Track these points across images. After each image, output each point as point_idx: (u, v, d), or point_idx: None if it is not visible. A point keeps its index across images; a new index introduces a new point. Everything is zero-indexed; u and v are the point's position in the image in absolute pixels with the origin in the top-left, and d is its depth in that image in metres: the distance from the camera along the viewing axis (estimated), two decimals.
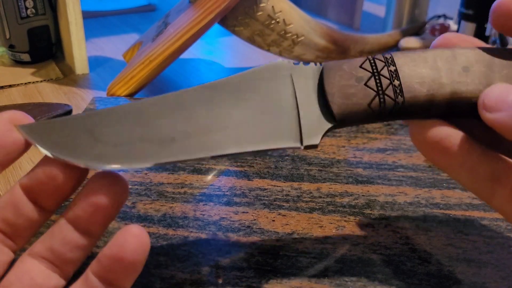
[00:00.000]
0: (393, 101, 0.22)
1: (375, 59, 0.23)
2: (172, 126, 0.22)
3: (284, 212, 0.32)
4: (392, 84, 0.22)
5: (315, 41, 0.54)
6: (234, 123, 0.22)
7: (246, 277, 0.27)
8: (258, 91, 0.23)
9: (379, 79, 0.22)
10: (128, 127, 0.21)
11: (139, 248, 0.20)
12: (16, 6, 0.54)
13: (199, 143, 0.21)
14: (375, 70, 0.23)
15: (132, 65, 0.49)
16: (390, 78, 0.22)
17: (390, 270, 0.28)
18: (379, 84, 0.22)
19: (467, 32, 0.54)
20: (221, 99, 0.22)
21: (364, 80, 0.22)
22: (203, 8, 0.48)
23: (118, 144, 0.21)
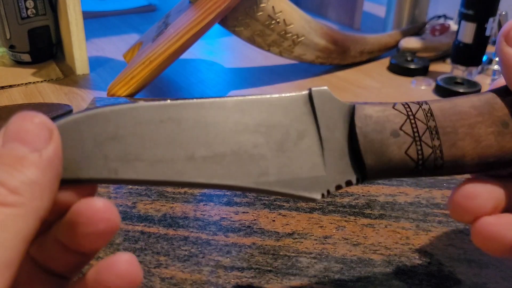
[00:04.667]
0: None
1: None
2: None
3: (285, 212, 0.32)
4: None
5: (315, 41, 0.54)
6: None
7: (246, 277, 0.27)
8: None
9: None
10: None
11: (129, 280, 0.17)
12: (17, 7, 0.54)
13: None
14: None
15: (132, 66, 0.49)
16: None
17: (390, 270, 0.28)
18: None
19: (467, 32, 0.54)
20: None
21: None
22: (203, 9, 0.48)
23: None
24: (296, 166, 0.20)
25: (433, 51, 0.64)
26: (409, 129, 0.21)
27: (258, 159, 0.20)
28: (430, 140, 0.21)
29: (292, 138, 0.21)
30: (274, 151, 0.20)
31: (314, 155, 0.21)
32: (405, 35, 0.66)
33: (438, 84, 0.54)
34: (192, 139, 0.19)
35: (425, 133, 0.21)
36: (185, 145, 0.19)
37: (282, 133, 0.21)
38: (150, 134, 0.19)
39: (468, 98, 0.22)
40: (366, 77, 0.59)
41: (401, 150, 0.21)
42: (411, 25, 0.70)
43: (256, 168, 0.20)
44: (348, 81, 0.57)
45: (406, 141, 0.21)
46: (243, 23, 0.50)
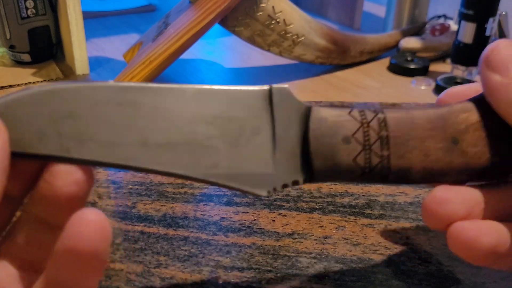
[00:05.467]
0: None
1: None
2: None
3: (285, 212, 0.32)
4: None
5: (315, 41, 0.54)
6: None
7: (246, 277, 0.27)
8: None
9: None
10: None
11: (99, 235, 0.16)
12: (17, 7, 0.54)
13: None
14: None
15: (132, 66, 0.49)
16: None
17: (390, 270, 0.28)
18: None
19: (467, 32, 0.54)
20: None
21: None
22: (203, 9, 0.48)
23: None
24: (247, 161, 0.21)
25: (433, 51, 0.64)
26: (360, 137, 0.22)
27: (210, 151, 0.20)
28: (380, 150, 0.22)
29: (247, 133, 0.21)
30: (228, 144, 0.20)
31: (265, 152, 0.21)
32: (405, 35, 0.66)
33: (438, 84, 0.54)
34: (147, 124, 0.19)
35: (375, 142, 0.22)
36: (140, 130, 0.19)
37: (238, 128, 0.21)
38: (106, 116, 0.19)
39: (426, 111, 0.22)
40: (366, 77, 0.59)
41: (349, 157, 0.21)
42: (411, 25, 0.70)
43: (207, 160, 0.20)
44: (348, 81, 0.57)
45: (356, 149, 0.21)
46: (243, 23, 0.50)
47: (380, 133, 0.22)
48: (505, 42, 0.21)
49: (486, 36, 0.54)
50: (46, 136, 0.18)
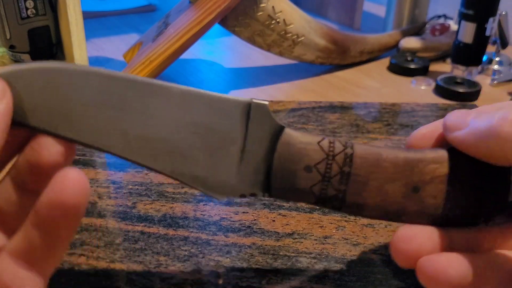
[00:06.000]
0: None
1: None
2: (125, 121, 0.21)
3: (284, 212, 0.32)
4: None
5: (315, 41, 0.54)
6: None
7: (246, 277, 0.27)
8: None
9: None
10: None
11: (80, 191, 0.18)
12: (17, 7, 0.54)
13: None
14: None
15: (132, 66, 0.49)
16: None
17: (390, 270, 0.28)
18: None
19: (467, 32, 0.54)
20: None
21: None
22: (203, 9, 0.48)
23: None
24: (213, 167, 0.22)
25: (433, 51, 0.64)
26: (322, 168, 0.22)
27: (182, 152, 0.21)
28: (338, 184, 0.22)
29: (222, 143, 0.22)
30: (202, 150, 0.22)
31: (232, 163, 0.22)
32: (405, 35, 0.66)
33: (438, 84, 0.54)
34: (131, 117, 0.21)
35: (335, 176, 0.22)
36: (123, 121, 0.21)
37: (213, 135, 0.22)
38: (95, 102, 0.20)
39: (396, 155, 0.23)
40: (366, 77, 0.59)
41: (307, 184, 0.22)
42: (411, 25, 0.70)
43: (177, 159, 0.21)
44: (348, 81, 0.57)
45: (315, 179, 0.22)
46: (243, 23, 0.50)
47: (343, 168, 0.22)
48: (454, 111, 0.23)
49: (486, 36, 0.54)
50: (39, 110, 0.20)
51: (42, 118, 0.20)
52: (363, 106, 0.49)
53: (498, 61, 0.60)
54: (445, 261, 0.21)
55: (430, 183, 0.23)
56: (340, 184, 0.22)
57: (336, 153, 0.22)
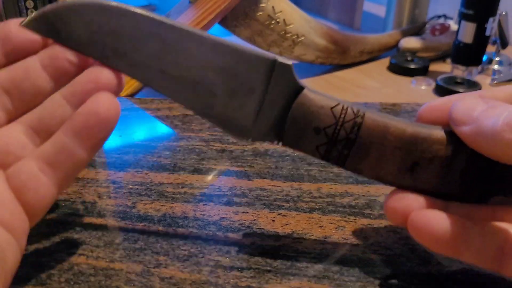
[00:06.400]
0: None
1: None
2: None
3: (284, 212, 0.32)
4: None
5: (315, 41, 0.54)
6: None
7: (246, 277, 0.27)
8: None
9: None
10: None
11: (112, 107, 0.22)
12: (17, 7, 0.54)
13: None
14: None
15: None
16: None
17: (390, 270, 0.28)
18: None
19: (467, 32, 0.54)
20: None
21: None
22: (203, 9, 0.48)
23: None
24: (234, 111, 0.25)
25: (433, 51, 0.64)
26: (330, 132, 0.24)
27: (211, 95, 0.25)
28: (342, 148, 0.24)
29: (244, 90, 0.24)
30: (226, 94, 0.24)
31: (251, 110, 0.25)
32: (405, 35, 0.66)
33: (438, 84, 0.54)
34: (169, 57, 0.24)
35: (341, 141, 0.24)
36: (162, 60, 0.24)
37: (239, 83, 0.24)
38: (140, 40, 0.24)
39: (404, 129, 0.24)
40: (366, 77, 0.59)
41: (313, 144, 0.24)
42: (411, 25, 0.70)
43: (204, 99, 0.25)
44: (348, 81, 0.57)
45: (322, 140, 0.24)
46: (243, 23, 0.50)
47: (349, 135, 0.24)
48: (460, 97, 0.24)
49: (486, 36, 0.54)
50: (94, 42, 0.23)
51: (96, 49, 0.23)
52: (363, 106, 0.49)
53: (498, 61, 0.60)
54: (432, 216, 0.23)
55: (430, 163, 0.24)
56: (344, 149, 0.24)
57: (346, 120, 0.24)
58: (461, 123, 0.22)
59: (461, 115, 0.23)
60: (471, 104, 0.23)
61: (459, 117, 0.23)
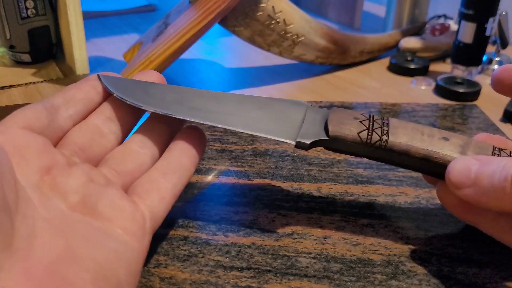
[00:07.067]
0: (378, 137, 0.27)
1: (374, 115, 0.28)
2: (203, 104, 0.29)
3: (284, 212, 0.32)
4: (381, 128, 0.27)
5: (315, 41, 0.54)
6: (250, 116, 0.29)
7: (245, 277, 0.27)
8: (276, 109, 0.29)
9: (372, 123, 0.28)
10: (170, 94, 0.29)
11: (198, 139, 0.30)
12: (17, 7, 0.54)
13: (218, 118, 0.28)
14: (371, 118, 0.28)
15: (132, 66, 0.49)
16: (382, 125, 0.28)
17: (390, 270, 0.28)
18: (371, 125, 0.27)
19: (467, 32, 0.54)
20: (247, 103, 0.29)
21: (360, 119, 0.28)
22: (203, 9, 0.48)
23: (160, 99, 0.29)
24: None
25: (433, 51, 0.64)
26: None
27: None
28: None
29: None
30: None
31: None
32: (405, 35, 0.66)
33: (438, 84, 0.54)
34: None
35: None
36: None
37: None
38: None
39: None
40: (366, 77, 0.59)
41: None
42: (411, 25, 0.70)
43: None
44: (348, 81, 0.57)
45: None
46: (243, 23, 0.50)
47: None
48: (453, 162, 0.25)
49: (486, 36, 0.54)
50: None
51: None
52: (363, 106, 0.49)
53: (498, 61, 0.60)
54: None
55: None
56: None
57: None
58: (461, 186, 0.23)
59: (459, 178, 0.24)
60: (465, 164, 0.24)
61: (457, 181, 0.24)
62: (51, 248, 0.20)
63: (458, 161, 0.24)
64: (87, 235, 0.21)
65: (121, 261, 0.22)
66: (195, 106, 0.28)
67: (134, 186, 0.26)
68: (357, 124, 0.28)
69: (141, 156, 0.27)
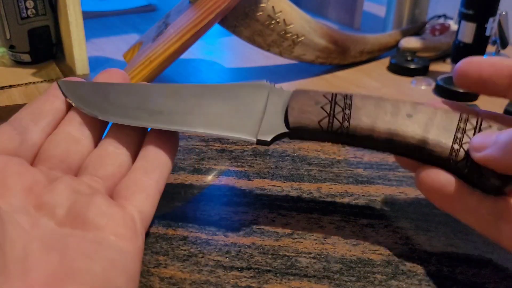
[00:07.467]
0: (339, 124, 0.26)
1: (337, 94, 0.27)
2: (163, 104, 0.28)
3: (284, 212, 0.32)
4: (343, 112, 0.26)
5: (315, 41, 0.54)
6: (210, 112, 0.28)
7: (245, 277, 0.27)
8: (237, 97, 0.28)
9: (334, 107, 0.26)
10: (131, 97, 0.29)
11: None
12: (17, 7, 0.54)
13: (178, 120, 0.28)
14: (334, 100, 0.27)
15: (132, 66, 0.49)
16: (343, 107, 0.26)
17: (390, 270, 0.28)
18: (333, 109, 0.26)
19: (467, 32, 0.54)
20: (206, 95, 0.29)
21: (321, 103, 0.27)
22: (203, 9, 0.48)
23: (121, 106, 0.28)
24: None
25: (433, 51, 0.64)
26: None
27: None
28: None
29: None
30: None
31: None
32: (405, 35, 0.66)
33: (438, 84, 0.54)
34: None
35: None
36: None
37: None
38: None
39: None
40: (366, 77, 0.59)
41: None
42: (411, 25, 0.70)
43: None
44: (348, 81, 0.58)
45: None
46: (243, 23, 0.50)
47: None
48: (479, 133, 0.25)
49: (486, 36, 0.54)
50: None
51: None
52: None
53: None
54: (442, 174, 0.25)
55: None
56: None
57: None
58: (482, 148, 0.24)
59: (481, 142, 0.24)
60: (488, 132, 0.24)
61: (479, 144, 0.24)
62: (46, 266, 0.20)
63: (479, 135, 0.25)
64: (81, 248, 0.21)
65: (118, 269, 0.22)
66: (155, 109, 0.28)
67: (119, 189, 0.26)
68: (318, 111, 0.26)
69: (119, 157, 0.27)
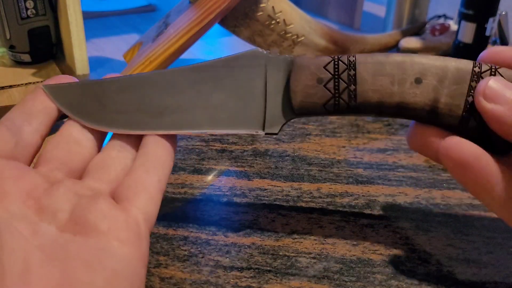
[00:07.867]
0: (346, 104, 0.25)
1: (340, 61, 0.25)
2: (162, 101, 0.26)
3: (284, 212, 0.32)
4: (348, 88, 0.25)
5: (315, 41, 0.54)
6: (212, 105, 0.26)
7: (245, 277, 0.27)
8: (235, 78, 0.27)
9: (338, 82, 0.25)
10: (126, 96, 0.26)
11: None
12: (17, 7, 0.54)
13: (182, 121, 0.26)
14: (337, 72, 0.25)
15: (132, 66, 0.49)
16: (348, 82, 0.25)
17: (390, 270, 0.28)
18: (337, 88, 0.25)
19: (467, 32, 0.54)
20: (203, 81, 0.27)
21: (324, 82, 0.25)
22: (203, 9, 0.48)
23: (119, 112, 0.26)
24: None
25: (433, 51, 0.64)
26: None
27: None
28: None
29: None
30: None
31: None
32: (405, 35, 0.66)
33: None
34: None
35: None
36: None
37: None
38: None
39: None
40: None
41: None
42: (411, 25, 0.70)
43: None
44: None
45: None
46: (243, 23, 0.50)
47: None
48: (494, 78, 0.23)
49: (486, 36, 0.54)
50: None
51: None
52: None
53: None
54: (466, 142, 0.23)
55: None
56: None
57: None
58: (493, 100, 0.22)
59: (494, 92, 0.22)
60: (504, 83, 0.22)
61: (491, 93, 0.22)
62: (47, 280, 0.19)
63: (495, 80, 0.23)
64: (83, 257, 0.20)
65: (122, 279, 0.21)
66: (155, 110, 0.26)
67: (121, 190, 0.25)
68: (322, 93, 0.25)
69: (122, 161, 0.26)
